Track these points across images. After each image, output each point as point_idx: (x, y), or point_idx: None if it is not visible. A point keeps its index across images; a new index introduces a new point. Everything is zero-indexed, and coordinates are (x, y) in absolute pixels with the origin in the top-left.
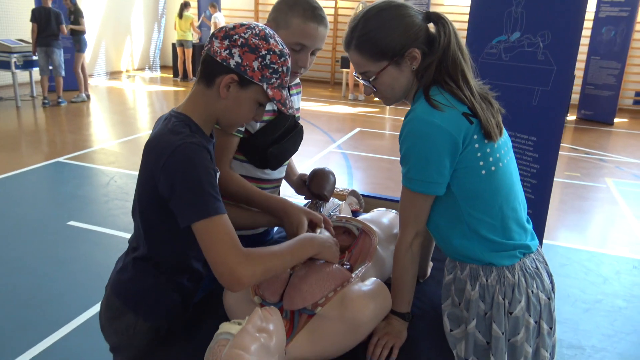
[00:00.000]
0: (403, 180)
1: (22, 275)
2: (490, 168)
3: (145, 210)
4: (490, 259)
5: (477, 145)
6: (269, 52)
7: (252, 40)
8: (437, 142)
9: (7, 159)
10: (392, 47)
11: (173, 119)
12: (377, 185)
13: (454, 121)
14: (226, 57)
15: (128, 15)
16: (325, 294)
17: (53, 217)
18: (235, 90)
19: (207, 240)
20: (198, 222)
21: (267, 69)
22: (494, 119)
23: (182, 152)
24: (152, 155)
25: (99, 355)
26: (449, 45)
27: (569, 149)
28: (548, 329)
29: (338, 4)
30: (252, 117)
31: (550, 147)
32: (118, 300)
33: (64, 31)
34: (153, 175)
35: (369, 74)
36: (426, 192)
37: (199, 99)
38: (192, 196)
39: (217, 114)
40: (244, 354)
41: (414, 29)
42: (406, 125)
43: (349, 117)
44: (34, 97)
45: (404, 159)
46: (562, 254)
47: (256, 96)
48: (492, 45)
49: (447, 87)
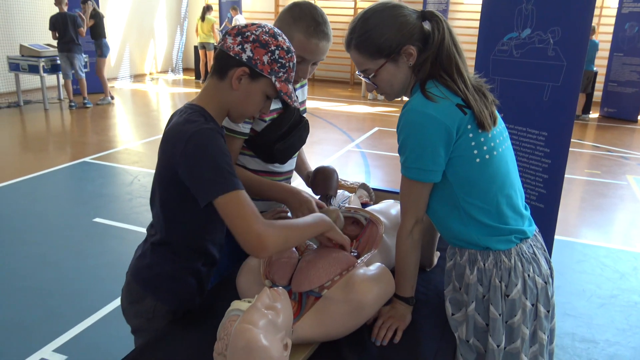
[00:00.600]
0: (401, 169)
1: (51, 269)
2: (485, 156)
3: (165, 197)
4: (486, 242)
5: (471, 135)
6: (278, 48)
7: (263, 37)
8: (432, 131)
9: (36, 159)
10: (389, 45)
11: (188, 110)
12: (393, 183)
13: (448, 112)
14: (239, 51)
15: (151, 19)
16: (331, 278)
17: (79, 214)
18: (246, 82)
19: (231, 212)
20: (220, 197)
21: (275, 63)
22: (488, 110)
23: (198, 137)
24: (170, 143)
25: (122, 344)
26: (443, 41)
27: (590, 146)
28: (545, 312)
29: (357, 4)
30: (259, 109)
31: (561, 142)
32: (138, 285)
33: (82, 34)
34: (173, 162)
35: (368, 71)
36: (423, 179)
37: (212, 91)
38: (212, 175)
39: (228, 105)
40: (252, 328)
41: (408, 27)
42: (402, 117)
43: (368, 117)
44: (61, 100)
45: (401, 148)
46: (579, 250)
47: (265, 88)
48: (504, 42)
49: (442, 81)
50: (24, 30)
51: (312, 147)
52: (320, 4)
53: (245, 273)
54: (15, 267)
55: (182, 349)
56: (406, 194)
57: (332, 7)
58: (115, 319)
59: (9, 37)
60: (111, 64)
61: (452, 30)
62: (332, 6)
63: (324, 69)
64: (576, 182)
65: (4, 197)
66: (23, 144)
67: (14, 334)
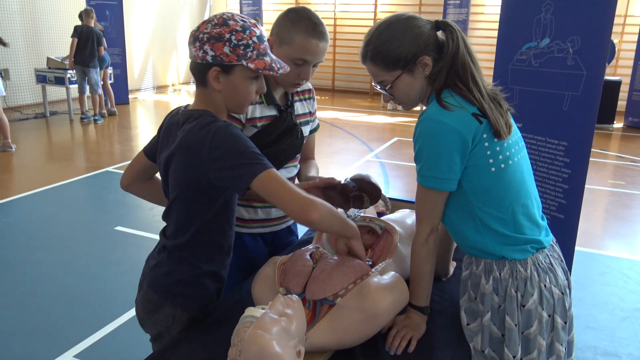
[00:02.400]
0: (417, 177)
1: (74, 276)
2: (500, 165)
3: (190, 201)
4: (502, 252)
5: (487, 144)
6: (232, 33)
7: (214, 31)
8: (448, 140)
9: (61, 169)
10: (404, 57)
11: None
12: (412, 193)
13: (464, 121)
14: (203, 56)
15: (175, 31)
16: (345, 286)
17: (102, 223)
18: (224, 78)
19: (273, 187)
20: (257, 177)
21: (238, 48)
22: (503, 118)
23: (219, 134)
24: (192, 150)
25: (141, 350)
26: (458, 50)
27: (614, 157)
28: (562, 324)
29: (377, 16)
30: (253, 92)
31: (581, 152)
32: (156, 295)
33: (101, 52)
34: (198, 167)
35: (385, 82)
36: (438, 188)
37: (203, 99)
38: (242, 161)
39: (222, 104)
40: (265, 335)
41: (423, 37)
42: (418, 125)
43: (388, 127)
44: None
45: (417, 157)
46: (602, 262)
47: (244, 74)
48: (522, 51)
49: (458, 90)
50: (51, 43)
51: (331, 157)
52: (340, 14)
53: (260, 281)
54: (40, 273)
55: (196, 355)
56: (422, 202)
57: (352, 17)
58: (135, 326)
59: (37, 50)
60: (134, 76)
61: (467, 39)
62: (351, 17)
63: (344, 80)
64: (599, 192)
65: (30, 206)
66: (49, 154)
67: (37, 339)
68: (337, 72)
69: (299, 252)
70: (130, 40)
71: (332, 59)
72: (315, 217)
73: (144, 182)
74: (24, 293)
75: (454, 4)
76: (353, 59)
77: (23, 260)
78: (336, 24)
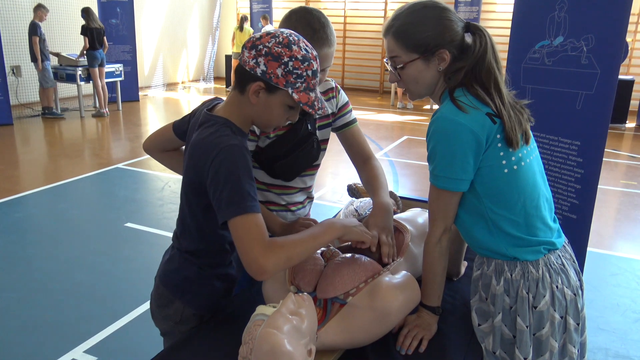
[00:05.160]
0: (430, 177)
1: (84, 272)
2: (513, 167)
3: (197, 207)
4: (514, 253)
5: (500, 145)
6: (292, 59)
7: (275, 49)
8: (462, 140)
9: (71, 165)
10: (426, 43)
11: (213, 122)
12: (421, 192)
13: (478, 121)
14: (253, 66)
15: (184, 29)
16: (356, 285)
17: (112, 219)
18: (264, 96)
19: (236, 235)
20: (233, 218)
21: (290, 75)
22: (522, 127)
23: (225, 154)
24: (198, 156)
25: (151, 346)
26: (485, 55)
27: (626, 157)
28: (575, 325)
29: (387, 14)
30: (284, 118)
31: (594, 152)
32: (166, 290)
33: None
34: (202, 173)
35: (397, 60)
36: (451, 188)
37: (234, 105)
38: (231, 194)
39: (251, 117)
40: (277, 333)
41: (450, 32)
42: (432, 124)
43: (397, 125)
44: (97, 108)
45: (430, 156)
46: (614, 263)
47: (284, 100)
48: (535, 50)
49: (472, 91)
50: (63, 41)
51: (340, 155)
52: (349, 12)
53: (271, 279)
54: (51, 269)
55: (207, 352)
56: (435, 203)
57: (361, 16)
58: (145, 322)
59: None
60: (144, 73)
61: (495, 45)
62: (361, 15)
63: (354, 77)
64: (611, 193)
65: (41, 202)
66: (60, 150)
67: (47, 334)
68: (346, 70)
69: None
70: (141, 37)
71: (341, 57)
72: (265, 278)
73: (164, 151)
74: (35, 288)
75: (465, 2)
76: (362, 57)
77: (34, 256)
78: (346, 22)
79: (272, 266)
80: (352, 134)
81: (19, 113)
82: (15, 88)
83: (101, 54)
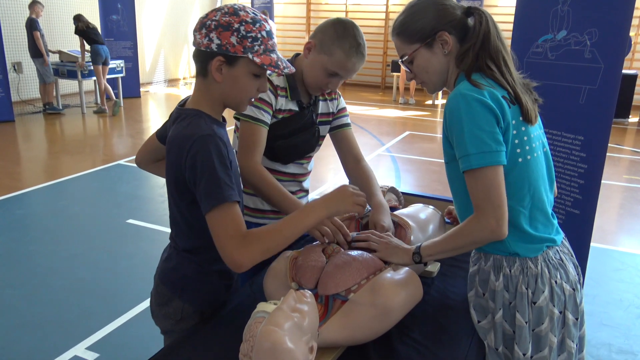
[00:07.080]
0: (462, 164)
1: (86, 269)
2: (527, 157)
3: (179, 203)
4: (515, 248)
5: (515, 132)
6: (242, 24)
7: (223, 19)
8: (485, 113)
9: (73, 162)
10: (423, 30)
11: (185, 116)
12: (424, 188)
13: (496, 99)
14: (207, 43)
15: (186, 25)
16: (357, 281)
17: (113, 216)
18: (227, 70)
19: (212, 230)
20: (210, 212)
21: (245, 40)
22: (532, 105)
23: (198, 144)
24: (175, 152)
25: (153, 343)
26: (489, 34)
27: (629, 152)
28: (574, 320)
29: (389, 8)
30: (255, 90)
31: (598, 147)
32: (165, 288)
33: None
34: (180, 168)
35: (405, 57)
36: (490, 162)
37: (201, 91)
38: (208, 184)
39: (221, 98)
40: (277, 330)
41: (446, 14)
42: (450, 102)
43: (399, 121)
44: (98, 105)
45: (457, 139)
46: (616, 259)
47: (248, 68)
48: (538, 44)
49: (489, 73)
50: (64, 37)
51: None
52: (351, 8)
53: (272, 275)
54: (52, 266)
55: (208, 350)
56: (476, 191)
57: (363, 11)
58: (147, 319)
59: (49, 44)
60: (146, 69)
61: (498, 26)
62: (363, 10)
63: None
64: (614, 188)
65: (42, 198)
66: (61, 147)
67: (49, 330)
68: None
69: (311, 247)
70: (142, 33)
71: None
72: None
73: (155, 162)
74: (37, 285)
75: None
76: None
77: (36, 253)
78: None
79: (247, 260)
80: (346, 136)
81: (21, 109)
82: (16, 84)
83: (105, 51)
